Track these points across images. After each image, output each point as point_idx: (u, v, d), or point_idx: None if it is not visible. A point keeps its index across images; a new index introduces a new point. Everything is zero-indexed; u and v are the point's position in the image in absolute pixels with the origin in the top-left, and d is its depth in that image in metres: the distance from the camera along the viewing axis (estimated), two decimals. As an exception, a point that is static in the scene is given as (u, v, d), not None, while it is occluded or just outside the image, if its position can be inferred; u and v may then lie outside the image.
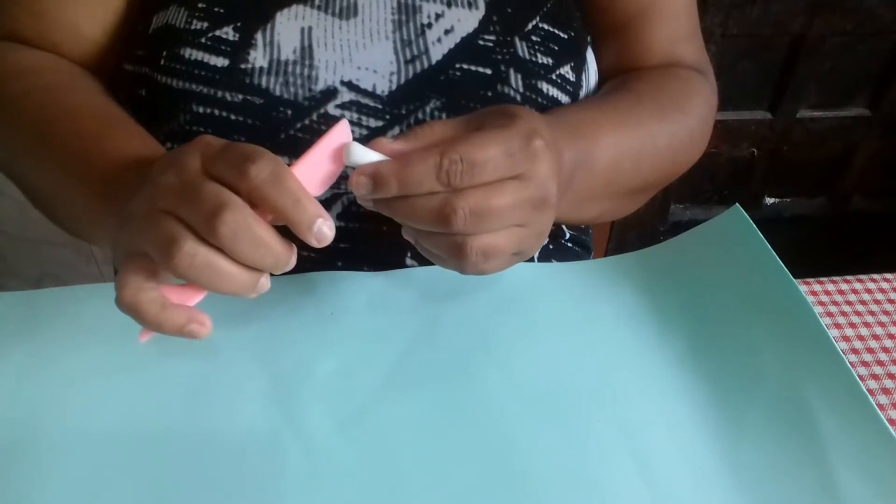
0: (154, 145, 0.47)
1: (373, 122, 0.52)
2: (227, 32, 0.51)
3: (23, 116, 0.50)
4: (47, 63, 0.54)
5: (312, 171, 0.38)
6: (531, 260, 0.60)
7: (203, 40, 0.51)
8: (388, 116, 0.52)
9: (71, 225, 0.53)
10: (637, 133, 0.52)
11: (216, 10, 0.52)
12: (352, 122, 0.52)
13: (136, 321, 0.37)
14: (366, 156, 0.38)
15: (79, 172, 0.46)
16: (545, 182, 0.40)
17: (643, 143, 0.53)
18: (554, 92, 0.54)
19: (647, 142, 0.53)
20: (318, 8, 0.53)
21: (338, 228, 0.54)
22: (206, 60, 0.51)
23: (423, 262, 0.56)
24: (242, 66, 0.51)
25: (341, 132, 0.39)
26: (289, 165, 0.37)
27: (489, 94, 0.52)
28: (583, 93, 0.57)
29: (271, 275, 0.38)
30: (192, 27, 0.51)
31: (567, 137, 0.46)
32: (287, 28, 0.52)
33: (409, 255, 0.56)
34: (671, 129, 0.55)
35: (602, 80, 0.61)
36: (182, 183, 0.36)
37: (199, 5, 0.52)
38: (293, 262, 0.37)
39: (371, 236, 0.55)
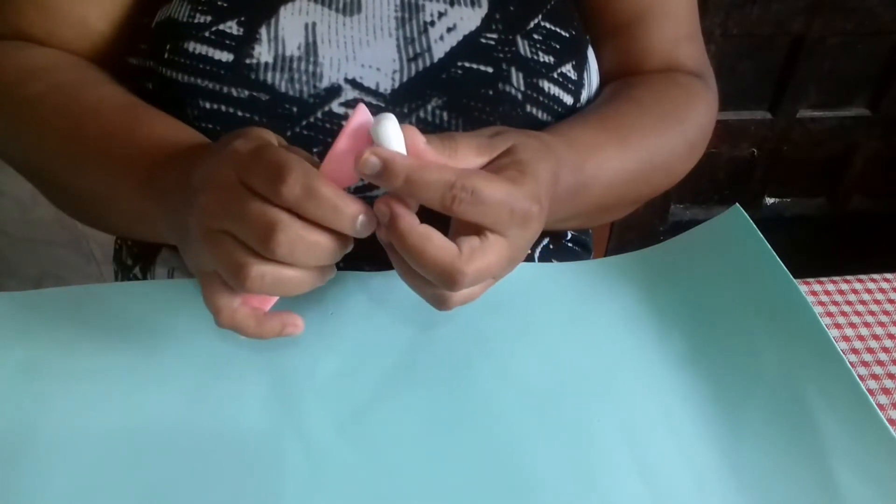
0: (182, 126, 0.48)
1: None
2: (231, 27, 0.51)
3: (46, 119, 0.50)
4: (58, 60, 0.54)
5: (342, 162, 0.38)
6: (531, 260, 0.60)
7: (207, 34, 0.51)
8: None
9: (117, 223, 0.54)
10: (638, 152, 0.53)
11: (219, 3, 0.52)
12: None
13: (244, 335, 0.40)
14: (391, 138, 0.38)
15: (118, 167, 0.47)
16: (525, 247, 0.42)
17: (643, 162, 0.54)
18: (555, 90, 0.54)
19: (647, 160, 0.54)
20: (322, 3, 0.53)
21: None
22: (210, 55, 0.51)
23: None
24: (247, 61, 0.51)
25: (362, 116, 0.38)
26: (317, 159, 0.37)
27: (490, 92, 0.52)
28: (584, 92, 0.57)
29: None
30: (196, 21, 0.51)
31: (570, 166, 0.47)
32: (291, 23, 0.52)
33: None
34: (671, 143, 0.56)
35: (602, 82, 0.61)
36: (224, 202, 0.37)
37: None
38: (351, 245, 0.39)
39: (371, 235, 0.55)
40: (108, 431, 0.44)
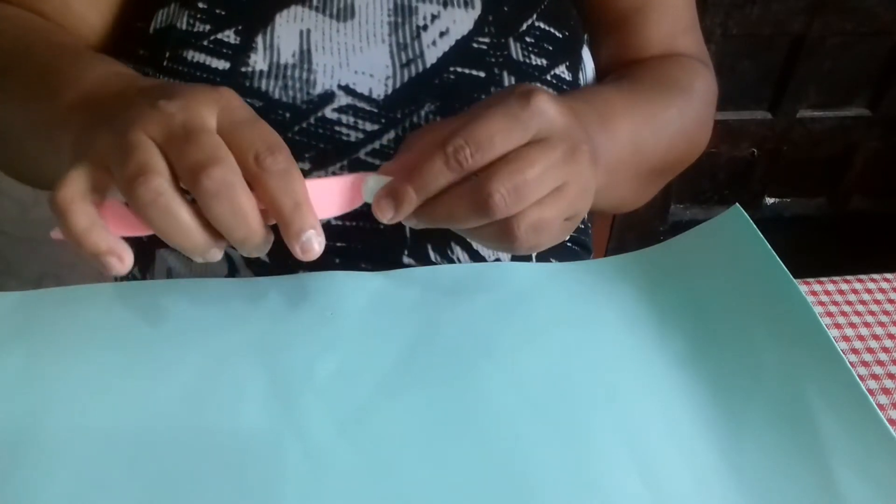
0: (127, 69, 0.45)
1: (369, 126, 0.53)
2: (229, 36, 0.51)
3: None
4: (23, 14, 0.52)
5: (323, 193, 0.38)
6: (530, 259, 0.60)
7: (205, 43, 0.51)
8: (383, 120, 0.53)
9: (24, 166, 0.51)
10: (651, 112, 0.52)
11: (217, 11, 0.52)
12: (348, 126, 0.52)
13: (59, 224, 0.35)
14: (379, 185, 0.38)
15: (40, 103, 0.44)
16: (566, 130, 0.38)
17: (657, 122, 0.53)
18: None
19: (661, 121, 0.53)
20: (317, 9, 0.53)
21: (335, 227, 0.54)
22: (207, 63, 0.51)
23: (420, 259, 0.56)
24: (243, 69, 0.51)
25: (358, 180, 0.39)
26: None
27: (483, 97, 0.53)
28: None
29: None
30: (195, 29, 0.51)
31: (588, 109, 0.45)
32: (286, 31, 0.52)
33: (405, 252, 0.56)
34: (681, 109, 0.56)
35: (600, 75, 0.61)
36: (184, 122, 0.34)
37: (200, 6, 0.52)
38: (265, 247, 0.36)
39: (368, 234, 0.55)
40: (108, 431, 0.44)
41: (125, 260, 0.35)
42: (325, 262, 0.55)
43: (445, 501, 0.41)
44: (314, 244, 0.36)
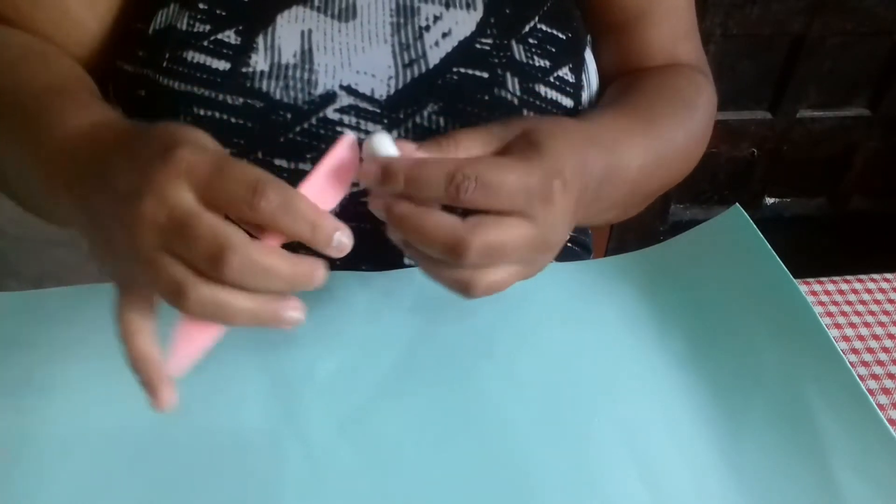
0: (106, 113, 0.44)
1: (371, 126, 0.52)
2: (230, 36, 0.51)
3: None
4: (19, 40, 0.52)
5: (321, 187, 0.38)
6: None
7: (205, 43, 0.51)
8: (385, 121, 0.52)
9: (28, 204, 0.52)
10: (660, 138, 0.52)
11: (218, 12, 0.52)
12: (350, 127, 0.52)
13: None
14: (386, 149, 0.38)
15: (27, 147, 0.44)
16: (554, 227, 0.39)
17: (665, 148, 0.53)
18: (553, 94, 0.54)
19: (669, 145, 0.53)
20: (318, 9, 0.53)
21: None
22: (208, 64, 0.51)
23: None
24: (244, 69, 0.51)
25: (346, 145, 0.38)
26: (291, 172, 0.36)
27: (486, 97, 0.52)
28: (584, 94, 0.57)
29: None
30: (195, 30, 0.51)
31: (598, 152, 0.45)
32: (288, 31, 0.52)
33: (406, 253, 0.56)
34: (686, 128, 0.55)
35: (603, 80, 0.61)
36: (171, 217, 0.34)
37: (200, 6, 0.52)
38: (317, 278, 0.36)
39: (368, 235, 0.55)
40: (108, 431, 0.44)
41: (162, 399, 0.37)
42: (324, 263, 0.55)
43: (445, 501, 0.41)
44: (344, 241, 0.36)
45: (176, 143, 0.35)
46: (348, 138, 0.38)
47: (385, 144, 0.38)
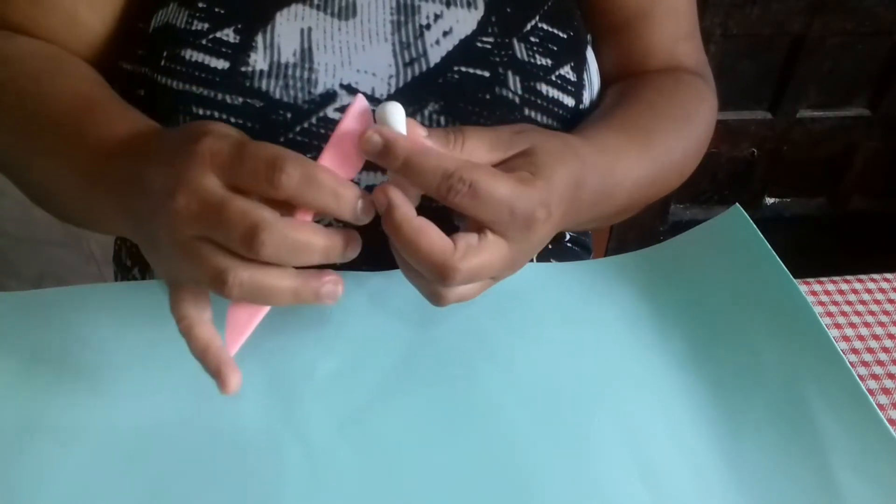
0: (138, 122, 0.46)
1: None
2: (228, 34, 0.51)
3: (5, 108, 0.49)
4: (34, 49, 0.53)
5: (341, 153, 0.38)
6: (531, 260, 0.60)
7: (204, 42, 0.51)
8: None
9: (70, 217, 0.52)
10: (658, 155, 0.53)
11: (216, 10, 0.52)
12: None
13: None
14: (397, 123, 0.38)
15: (65, 162, 0.45)
16: (527, 252, 0.41)
17: (662, 164, 0.53)
18: (554, 93, 0.54)
19: (665, 161, 0.54)
20: (318, 8, 0.53)
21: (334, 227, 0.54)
22: (206, 62, 0.51)
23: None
24: (243, 68, 0.51)
25: (362, 102, 0.38)
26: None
27: (487, 96, 0.52)
28: (586, 92, 0.57)
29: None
30: (193, 28, 0.51)
31: (600, 170, 0.46)
32: (287, 29, 0.52)
33: None
34: (684, 143, 0.56)
35: (604, 80, 0.61)
36: (203, 206, 0.35)
37: (200, 5, 0.52)
38: (352, 247, 0.37)
39: (368, 235, 0.55)
40: (108, 431, 0.44)
41: (229, 384, 0.38)
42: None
43: (445, 501, 0.41)
44: (368, 209, 0.37)
45: (199, 136, 0.37)
46: (360, 104, 0.38)
47: (396, 117, 0.38)
